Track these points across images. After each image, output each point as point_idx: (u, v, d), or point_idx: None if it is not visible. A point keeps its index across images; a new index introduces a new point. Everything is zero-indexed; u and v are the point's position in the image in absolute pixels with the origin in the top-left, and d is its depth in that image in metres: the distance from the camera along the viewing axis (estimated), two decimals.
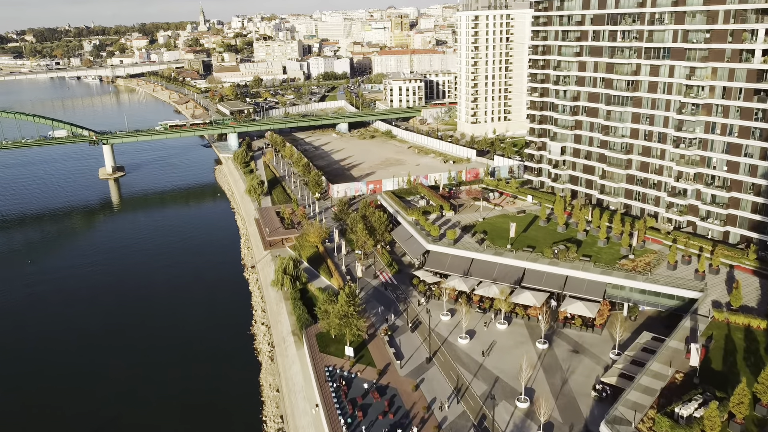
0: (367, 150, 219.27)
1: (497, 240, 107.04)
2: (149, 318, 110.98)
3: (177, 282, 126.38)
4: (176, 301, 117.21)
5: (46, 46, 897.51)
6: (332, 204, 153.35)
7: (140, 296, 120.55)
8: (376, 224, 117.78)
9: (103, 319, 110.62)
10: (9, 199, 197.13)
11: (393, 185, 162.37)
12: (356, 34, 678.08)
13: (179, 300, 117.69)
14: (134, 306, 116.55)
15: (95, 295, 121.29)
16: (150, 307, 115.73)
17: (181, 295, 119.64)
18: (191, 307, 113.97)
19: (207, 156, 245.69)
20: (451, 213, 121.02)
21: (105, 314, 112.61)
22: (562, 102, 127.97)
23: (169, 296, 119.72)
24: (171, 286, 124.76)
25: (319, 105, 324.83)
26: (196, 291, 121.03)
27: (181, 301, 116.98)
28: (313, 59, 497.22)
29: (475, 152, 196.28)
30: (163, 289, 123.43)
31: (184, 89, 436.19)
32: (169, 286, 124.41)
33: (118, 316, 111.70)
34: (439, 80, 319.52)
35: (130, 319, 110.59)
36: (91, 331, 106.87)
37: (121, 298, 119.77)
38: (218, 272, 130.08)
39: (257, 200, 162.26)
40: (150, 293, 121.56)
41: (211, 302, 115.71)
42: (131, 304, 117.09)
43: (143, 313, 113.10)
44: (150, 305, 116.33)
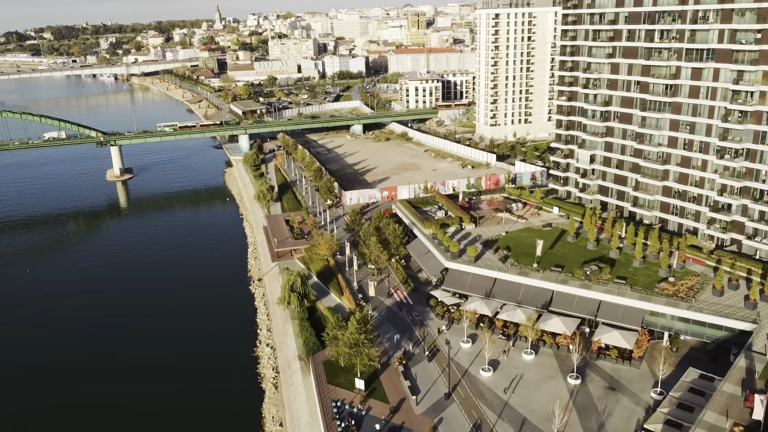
0: (381, 153, 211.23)
1: (522, 257, 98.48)
2: (148, 333, 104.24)
3: (179, 296, 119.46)
4: (178, 317, 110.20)
5: (64, 43, 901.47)
6: (344, 212, 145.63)
7: (140, 308, 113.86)
8: (391, 237, 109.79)
9: (93, 333, 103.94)
10: (15, 200, 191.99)
11: (409, 193, 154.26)
12: (372, 32, 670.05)
13: (181, 315, 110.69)
14: (132, 317, 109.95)
15: (91, 304, 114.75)
16: (149, 321, 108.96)
17: (183, 310, 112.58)
18: (193, 324, 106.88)
19: (218, 158, 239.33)
20: (471, 226, 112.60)
21: (98, 326, 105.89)
22: (592, 107, 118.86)
23: (170, 311, 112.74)
24: (173, 300, 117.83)
25: (334, 105, 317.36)
26: (199, 306, 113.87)
27: (183, 317, 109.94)
28: (328, 58, 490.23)
29: (495, 157, 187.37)
30: (164, 303, 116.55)
31: (197, 88, 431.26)
32: (171, 300, 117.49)
33: (114, 329, 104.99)
34: (457, 80, 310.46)
35: (126, 332, 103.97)
36: (80, 347, 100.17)
37: (119, 308, 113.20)
38: (223, 285, 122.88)
39: (266, 207, 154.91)
40: (150, 306, 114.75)
41: (214, 319, 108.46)
42: (129, 315, 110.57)
43: (141, 326, 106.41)
44: (150, 319, 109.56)
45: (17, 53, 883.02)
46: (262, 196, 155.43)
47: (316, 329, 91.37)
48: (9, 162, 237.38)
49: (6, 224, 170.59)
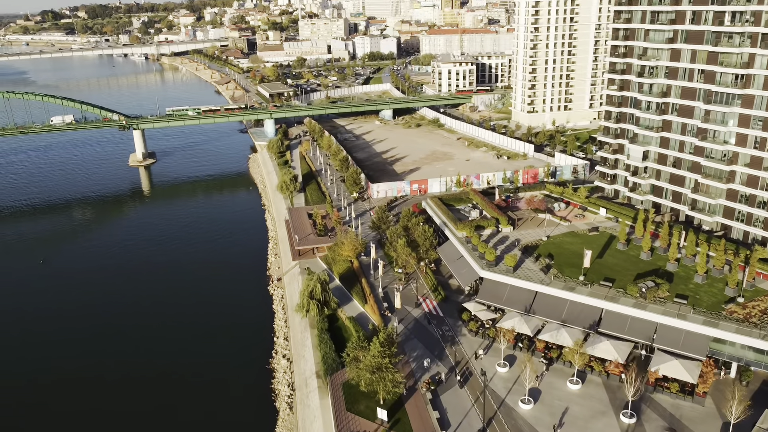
0: (412, 141, 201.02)
1: (566, 268, 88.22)
2: (157, 332, 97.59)
3: (194, 293, 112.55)
4: (190, 318, 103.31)
5: (97, 22, 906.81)
6: (371, 206, 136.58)
7: (151, 305, 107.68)
8: (420, 240, 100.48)
9: (98, 335, 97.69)
10: (37, 185, 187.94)
11: (440, 186, 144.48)
12: (404, 11, 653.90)
13: (194, 316, 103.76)
14: (142, 314, 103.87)
15: (99, 303, 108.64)
16: (160, 319, 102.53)
17: (196, 310, 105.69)
18: (206, 326, 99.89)
19: (243, 142, 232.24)
20: (508, 228, 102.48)
21: (104, 326, 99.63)
22: (647, 98, 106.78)
23: (182, 310, 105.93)
24: (187, 297, 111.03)
25: (363, 88, 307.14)
26: (213, 306, 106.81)
27: (195, 318, 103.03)
28: (359, 38, 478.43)
29: (533, 147, 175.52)
30: (177, 300, 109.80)
31: (225, 69, 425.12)
32: (185, 298, 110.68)
33: (121, 329, 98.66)
34: (492, 63, 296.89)
35: (134, 329, 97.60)
36: (79, 346, 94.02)
37: (128, 302, 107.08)
38: (241, 285, 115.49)
39: (289, 198, 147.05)
40: (162, 304, 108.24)
41: (229, 321, 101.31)
42: (138, 311, 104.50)
43: (151, 324, 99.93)
44: (161, 318, 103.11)
45: (52, 32, 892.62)
46: (285, 187, 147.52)
47: (337, 342, 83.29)
48: (32, 145, 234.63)
49: (24, 210, 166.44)
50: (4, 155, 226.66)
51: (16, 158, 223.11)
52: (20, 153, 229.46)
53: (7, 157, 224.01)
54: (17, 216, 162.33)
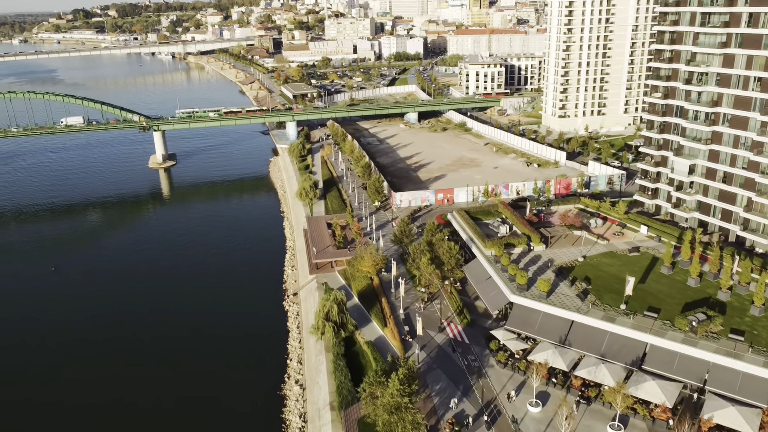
0: (437, 146, 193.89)
1: (606, 294, 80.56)
2: (166, 351, 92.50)
3: (207, 306, 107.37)
4: (200, 333, 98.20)
5: (127, 21, 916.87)
6: (393, 217, 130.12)
7: (162, 318, 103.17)
8: (445, 257, 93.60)
9: (105, 345, 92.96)
10: (55, 186, 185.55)
11: (467, 196, 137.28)
12: (432, 11, 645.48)
13: (206, 330, 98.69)
14: (150, 329, 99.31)
15: (104, 312, 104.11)
16: (170, 333, 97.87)
17: (206, 325, 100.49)
18: (217, 344, 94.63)
19: (265, 144, 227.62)
20: (541, 247, 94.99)
21: (107, 337, 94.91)
22: (695, 107, 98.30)
23: (195, 325, 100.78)
24: (200, 310, 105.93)
25: (388, 90, 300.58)
26: (226, 321, 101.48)
27: (205, 333, 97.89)
28: (385, 38, 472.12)
29: (565, 154, 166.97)
30: (190, 314, 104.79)
31: (250, 68, 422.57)
32: (198, 312, 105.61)
33: (124, 341, 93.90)
34: (521, 65, 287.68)
35: (139, 347, 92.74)
36: (79, 351, 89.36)
37: (136, 316, 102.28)
38: (255, 298, 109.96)
39: (309, 205, 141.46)
40: (174, 316, 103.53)
41: (241, 339, 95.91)
42: (146, 326, 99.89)
43: (160, 341, 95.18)
44: (171, 331, 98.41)
45: (83, 30, 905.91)
46: (304, 194, 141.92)
47: (353, 368, 77.11)
48: (52, 146, 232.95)
49: (43, 212, 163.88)
50: (26, 155, 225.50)
51: (37, 159, 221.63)
52: (40, 154, 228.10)
53: (28, 158, 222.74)
54: (36, 217, 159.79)
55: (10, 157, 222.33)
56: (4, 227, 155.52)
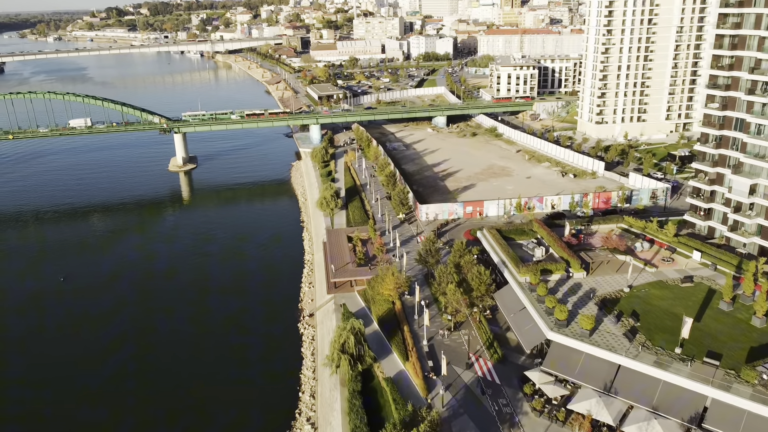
0: (466, 152, 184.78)
1: (657, 333, 71.13)
2: (169, 371, 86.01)
3: (218, 323, 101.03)
4: (211, 352, 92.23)
5: (158, 19, 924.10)
6: (418, 231, 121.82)
7: (170, 332, 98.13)
8: (475, 283, 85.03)
9: (99, 359, 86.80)
10: (73, 189, 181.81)
11: (497, 209, 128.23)
12: (462, 10, 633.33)
13: (215, 350, 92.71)
14: (155, 345, 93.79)
15: (107, 325, 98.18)
16: (176, 353, 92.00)
17: (219, 343, 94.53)
18: (227, 365, 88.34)
19: (288, 148, 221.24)
20: (581, 274, 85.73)
21: (112, 355, 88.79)
22: (759, 120, 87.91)
23: (203, 342, 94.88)
24: (210, 327, 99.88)
25: (416, 91, 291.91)
26: (237, 342, 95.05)
27: (216, 352, 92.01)
28: (414, 38, 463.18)
29: (603, 164, 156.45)
30: (199, 330, 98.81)
31: (277, 68, 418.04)
32: (208, 328, 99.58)
33: (122, 359, 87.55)
34: (555, 67, 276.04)
35: (140, 365, 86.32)
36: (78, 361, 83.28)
37: (141, 330, 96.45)
38: (268, 318, 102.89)
39: (329, 215, 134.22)
40: (183, 333, 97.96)
41: (252, 362, 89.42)
42: (152, 342, 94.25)
43: (165, 359, 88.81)
44: (177, 349, 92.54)
45: (115, 28, 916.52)
46: (325, 204, 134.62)
47: (371, 408, 69.35)
48: (72, 146, 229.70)
49: (61, 213, 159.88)
50: (46, 156, 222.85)
51: (57, 160, 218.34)
52: (60, 154, 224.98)
53: (49, 159, 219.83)
54: (55, 219, 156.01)
55: (31, 158, 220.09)
56: (24, 229, 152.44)
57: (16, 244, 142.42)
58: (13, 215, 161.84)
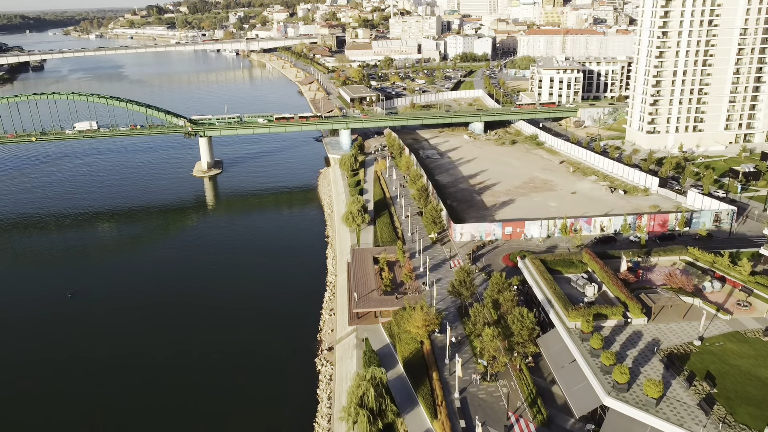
0: (505, 162, 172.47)
1: (739, 405, 58.75)
2: (170, 399, 77.25)
3: (229, 349, 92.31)
4: (216, 386, 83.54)
5: (197, 17, 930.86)
6: (451, 254, 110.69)
7: (175, 354, 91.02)
8: (516, 326, 73.65)
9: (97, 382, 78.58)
10: (98, 192, 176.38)
11: (540, 230, 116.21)
12: (502, 9, 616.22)
13: (222, 382, 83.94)
14: (155, 368, 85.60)
15: (110, 343, 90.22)
16: (178, 384, 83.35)
17: (226, 374, 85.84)
18: (232, 402, 78.73)
19: (317, 152, 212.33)
20: (641, 320, 73.50)
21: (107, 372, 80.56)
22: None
23: (210, 370, 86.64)
24: (220, 352, 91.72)
25: (452, 94, 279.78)
26: (247, 377, 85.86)
27: (222, 385, 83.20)
28: (451, 38, 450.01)
29: (657, 180, 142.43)
30: (209, 354, 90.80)
31: (311, 67, 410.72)
32: (218, 353, 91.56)
33: (118, 384, 79.10)
34: (601, 70, 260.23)
35: (146, 383, 77.66)
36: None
37: (142, 352, 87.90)
38: (284, 349, 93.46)
39: (356, 231, 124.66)
40: (190, 356, 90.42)
41: (261, 402, 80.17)
42: (153, 365, 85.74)
43: (166, 386, 79.94)
44: (172, 390, 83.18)
45: (155, 26, 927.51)
46: (351, 219, 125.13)
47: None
48: (96, 148, 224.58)
49: (82, 218, 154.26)
50: (70, 157, 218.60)
51: (80, 162, 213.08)
52: (84, 156, 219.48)
53: (72, 160, 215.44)
54: (76, 223, 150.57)
55: (54, 159, 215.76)
56: (46, 233, 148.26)
57: (37, 249, 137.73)
58: (35, 220, 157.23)
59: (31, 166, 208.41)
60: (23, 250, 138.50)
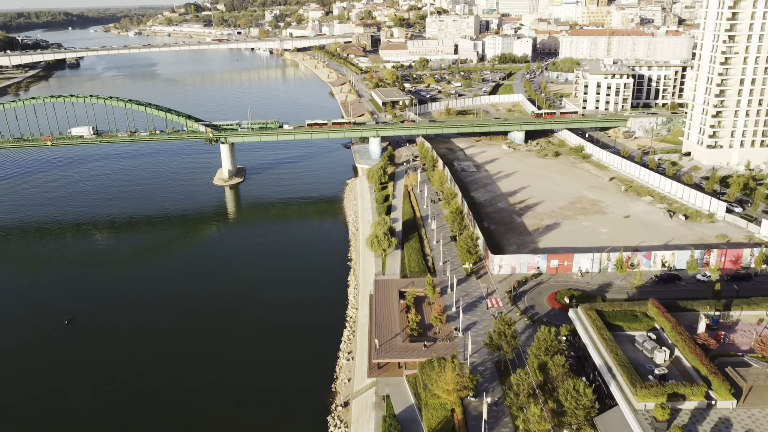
0: (548, 178, 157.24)
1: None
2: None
3: (228, 402, 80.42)
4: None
5: (233, 15, 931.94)
6: (489, 291, 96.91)
7: (169, 395, 78.50)
8: (569, 404, 59.83)
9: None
10: (115, 199, 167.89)
11: (590, 264, 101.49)
12: (543, 9, 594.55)
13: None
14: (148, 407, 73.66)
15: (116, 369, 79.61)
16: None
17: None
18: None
19: (345, 160, 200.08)
20: (730, 402, 58.80)
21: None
22: None
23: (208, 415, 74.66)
24: (217, 404, 79.70)
25: (490, 99, 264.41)
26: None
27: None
28: (490, 38, 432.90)
29: (725, 205, 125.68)
30: (205, 405, 78.69)
31: (344, 68, 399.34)
32: (216, 397, 79.57)
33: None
34: (652, 75, 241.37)
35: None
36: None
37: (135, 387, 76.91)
38: (293, 400, 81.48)
39: (381, 257, 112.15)
40: (180, 405, 77.90)
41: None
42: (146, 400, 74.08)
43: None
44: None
45: (192, 24, 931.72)
46: (376, 243, 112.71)
47: None
48: (115, 152, 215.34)
49: (95, 227, 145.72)
50: (87, 161, 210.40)
51: (98, 166, 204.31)
52: (102, 160, 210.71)
53: (90, 164, 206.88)
54: (89, 233, 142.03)
55: (71, 162, 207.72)
56: (62, 240, 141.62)
57: (54, 256, 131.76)
58: (51, 227, 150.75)
59: (48, 169, 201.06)
60: (42, 257, 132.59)
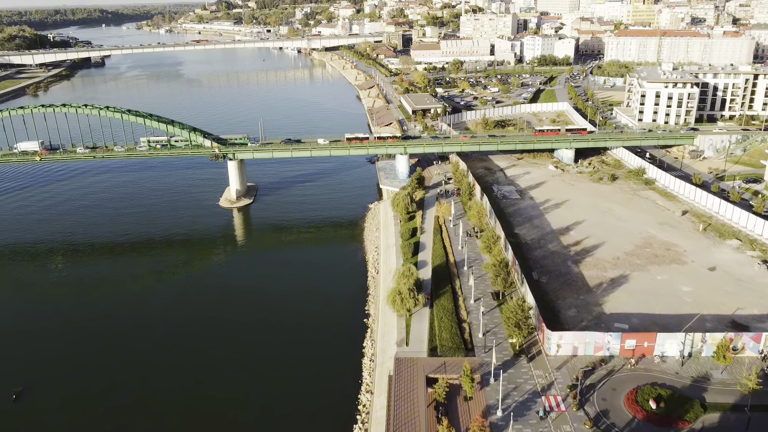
0: (607, 209, 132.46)
1: None
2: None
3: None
4: None
5: (264, 12, 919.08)
6: (545, 384, 73.63)
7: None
8: None
9: None
10: (108, 220, 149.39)
11: (677, 347, 77.24)
12: (584, 7, 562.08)
13: None
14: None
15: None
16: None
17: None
18: None
19: (369, 179, 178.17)
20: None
21: None
22: None
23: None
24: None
25: (531, 107, 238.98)
26: None
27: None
28: (528, 39, 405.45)
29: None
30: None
31: (372, 69, 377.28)
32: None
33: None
34: (718, 83, 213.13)
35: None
36: None
37: None
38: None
39: (404, 317, 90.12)
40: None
41: None
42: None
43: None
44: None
45: (222, 21, 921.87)
46: (399, 302, 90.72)
47: None
48: (112, 166, 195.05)
49: (88, 252, 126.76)
50: (82, 176, 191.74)
51: (93, 181, 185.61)
52: (97, 174, 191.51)
53: (85, 179, 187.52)
54: (77, 259, 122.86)
55: (64, 177, 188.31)
56: (43, 267, 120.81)
57: (50, 281, 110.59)
58: (36, 250, 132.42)
59: (38, 184, 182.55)
60: (35, 282, 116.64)
